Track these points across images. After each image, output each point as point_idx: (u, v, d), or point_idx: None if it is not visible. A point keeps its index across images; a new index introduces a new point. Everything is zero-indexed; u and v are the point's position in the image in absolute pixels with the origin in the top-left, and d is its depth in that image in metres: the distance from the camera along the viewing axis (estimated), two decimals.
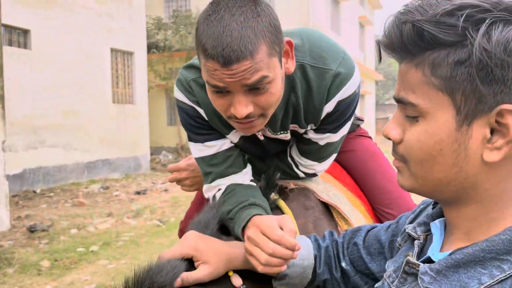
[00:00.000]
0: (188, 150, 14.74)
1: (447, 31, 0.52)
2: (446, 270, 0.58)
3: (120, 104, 10.78)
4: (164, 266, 0.81)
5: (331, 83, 1.06)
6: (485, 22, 0.51)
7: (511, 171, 0.57)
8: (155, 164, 12.70)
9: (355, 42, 20.41)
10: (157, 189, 8.49)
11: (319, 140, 1.18)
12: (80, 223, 5.66)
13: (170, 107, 15.63)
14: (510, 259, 0.54)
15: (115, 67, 10.66)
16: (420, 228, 0.71)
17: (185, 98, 1.15)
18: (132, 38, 11.04)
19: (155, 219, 5.87)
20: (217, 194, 1.17)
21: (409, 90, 0.58)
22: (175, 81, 1.21)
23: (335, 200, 1.21)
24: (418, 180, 0.61)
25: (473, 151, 0.55)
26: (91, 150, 9.70)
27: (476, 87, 0.52)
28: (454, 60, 0.53)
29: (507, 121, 0.52)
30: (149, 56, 13.34)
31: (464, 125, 0.55)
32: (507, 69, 0.50)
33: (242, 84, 0.89)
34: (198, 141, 1.18)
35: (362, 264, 0.90)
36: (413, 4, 0.56)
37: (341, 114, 1.12)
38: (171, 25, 14.49)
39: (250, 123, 0.97)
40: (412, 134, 0.59)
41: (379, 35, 0.65)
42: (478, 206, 0.59)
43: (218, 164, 1.16)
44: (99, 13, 9.96)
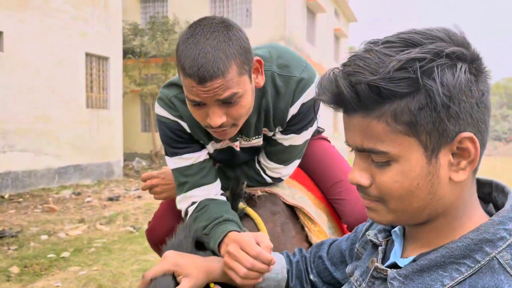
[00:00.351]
0: (162, 157, 14.64)
1: (402, 84, 0.59)
2: (412, 274, 0.66)
3: (94, 109, 10.65)
4: None
5: (296, 87, 1.21)
6: (435, 70, 0.58)
7: (467, 183, 0.66)
8: (128, 170, 12.56)
9: (330, 53, 20.82)
10: (130, 195, 8.41)
11: (284, 141, 1.30)
12: (50, 229, 5.57)
13: (144, 113, 15.51)
14: (466, 262, 0.63)
15: (89, 71, 10.54)
16: (381, 235, 0.81)
17: (167, 114, 1.25)
18: (108, 43, 10.95)
19: (128, 225, 5.84)
20: (190, 209, 1.27)
21: (375, 140, 0.63)
22: (150, 87, 1.32)
23: (301, 202, 1.30)
24: (397, 213, 0.67)
25: (443, 176, 0.64)
26: (62, 155, 9.53)
27: (438, 124, 0.60)
28: (416, 107, 0.59)
29: (466, 145, 0.62)
30: (125, 61, 13.24)
31: (433, 158, 0.62)
32: (460, 105, 0.59)
33: (215, 99, 1.03)
34: (176, 154, 1.28)
35: (328, 275, 0.99)
36: (358, 64, 0.61)
37: (304, 116, 1.26)
38: (148, 31, 14.45)
39: (224, 131, 1.11)
40: (388, 177, 0.64)
41: (353, 46, 0.72)
42: (443, 219, 0.68)
43: (193, 175, 1.26)
44: (74, 17, 9.85)
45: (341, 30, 21.81)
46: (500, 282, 0.59)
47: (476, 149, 0.62)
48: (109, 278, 3.83)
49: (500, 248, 0.62)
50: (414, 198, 0.65)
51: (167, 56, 13.99)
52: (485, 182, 0.75)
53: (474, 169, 0.65)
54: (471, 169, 0.64)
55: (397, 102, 0.60)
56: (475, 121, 0.61)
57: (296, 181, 1.43)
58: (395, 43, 0.61)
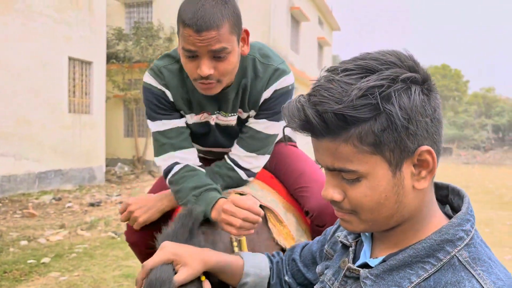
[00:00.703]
0: (144, 162, 14.57)
1: (365, 110, 0.65)
2: (383, 273, 0.74)
3: (76, 114, 10.56)
4: (161, 281, 0.91)
5: (272, 74, 1.39)
6: (393, 95, 0.65)
7: (428, 189, 0.75)
8: (110, 175, 12.45)
9: (313, 61, 21.07)
10: (112, 201, 8.35)
11: (256, 125, 1.44)
12: (30, 234, 5.51)
13: (127, 118, 15.42)
14: (430, 261, 0.71)
15: (72, 76, 10.46)
16: (351, 236, 0.88)
17: (155, 82, 1.42)
18: (91, 47, 10.89)
19: (109, 231, 5.81)
20: (176, 167, 1.40)
21: (344, 161, 0.69)
22: (134, 92, 1.44)
23: (272, 205, 1.37)
24: (368, 223, 0.75)
25: (407, 186, 0.71)
26: (43, 160, 9.41)
27: (400, 142, 0.67)
28: (379, 129, 0.66)
29: (425, 157, 0.70)
30: (108, 66, 13.18)
31: (397, 171, 0.70)
32: (417, 124, 0.67)
33: (208, 49, 1.20)
34: (157, 119, 1.44)
35: (301, 276, 1.06)
36: (323, 94, 0.67)
37: (276, 102, 1.41)
38: (132, 36, 14.41)
39: (209, 84, 1.27)
40: (358, 192, 0.71)
41: (337, 55, 0.79)
42: (409, 223, 0.75)
43: (173, 137, 1.42)
44: (57, 21, 9.79)
45: (325, 38, 22.11)
46: (461, 278, 0.67)
47: (433, 159, 0.70)
48: (90, 284, 3.82)
49: (459, 247, 0.70)
50: (383, 209, 0.72)
51: (151, 62, 13.96)
52: (442, 186, 0.83)
53: (433, 176, 0.73)
54: (431, 177, 0.72)
55: (362, 126, 0.67)
56: (430, 135, 0.69)
57: (267, 185, 1.50)
58: (354, 70, 0.68)
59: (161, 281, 0.91)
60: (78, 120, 10.54)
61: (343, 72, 0.68)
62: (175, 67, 1.41)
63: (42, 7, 9.35)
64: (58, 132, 9.85)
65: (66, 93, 10.15)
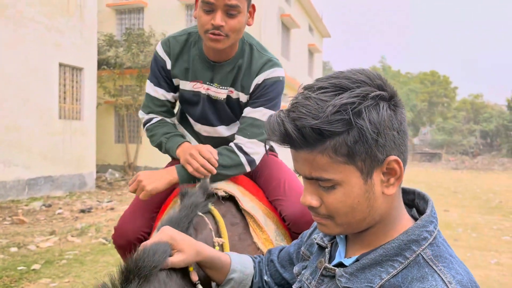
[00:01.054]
0: (135, 168, 14.54)
1: (339, 124, 0.72)
2: (356, 271, 0.81)
3: (67, 120, 10.53)
4: (156, 249, 0.97)
5: (265, 64, 1.57)
6: (363, 111, 0.72)
7: (396, 194, 0.82)
8: (100, 182, 12.41)
9: (304, 68, 21.24)
10: (102, 207, 8.34)
11: (253, 113, 1.59)
12: (20, 241, 5.49)
13: (118, 124, 15.39)
14: (398, 259, 0.78)
15: (63, 82, 10.45)
16: (327, 238, 0.96)
17: (161, 51, 1.65)
18: (82, 53, 10.90)
19: (100, 237, 5.81)
20: (152, 121, 1.69)
21: (321, 170, 0.76)
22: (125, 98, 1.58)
23: (253, 211, 1.44)
24: (343, 226, 0.82)
25: (377, 192, 0.78)
26: (33, 166, 9.37)
27: (370, 153, 0.74)
28: (351, 141, 0.73)
29: (393, 166, 0.77)
30: (99, 72, 13.17)
31: (368, 179, 0.77)
32: (385, 136, 0.74)
33: (224, 3, 1.41)
34: (153, 83, 1.69)
35: (279, 276, 1.13)
36: (301, 111, 0.74)
37: (267, 90, 1.57)
38: (123, 42, 14.43)
39: (219, 36, 1.45)
40: (334, 199, 0.78)
41: (328, 61, 0.86)
42: (379, 225, 0.83)
43: (156, 105, 1.70)
44: (48, 27, 9.79)
45: (315, 45, 22.33)
46: (425, 274, 0.74)
47: (400, 167, 0.78)
48: None
49: (424, 246, 0.78)
50: (356, 213, 0.79)
51: (142, 68, 14.00)
52: (409, 191, 0.91)
53: (400, 183, 0.80)
54: (399, 183, 0.79)
55: (336, 139, 0.74)
56: (397, 146, 0.77)
57: (249, 192, 1.57)
58: (328, 88, 0.75)
59: (155, 252, 0.97)
60: (68, 126, 10.51)
61: (318, 90, 0.76)
62: (183, 38, 1.64)
63: (33, 13, 9.35)
64: (48, 138, 9.82)
65: (57, 99, 10.13)
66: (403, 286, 0.74)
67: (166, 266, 1.00)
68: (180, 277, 1.04)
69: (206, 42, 1.52)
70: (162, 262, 0.97)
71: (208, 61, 1.60)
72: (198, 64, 1.61)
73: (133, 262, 0.93)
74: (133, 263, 0.93)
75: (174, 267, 1.02)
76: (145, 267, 0.93)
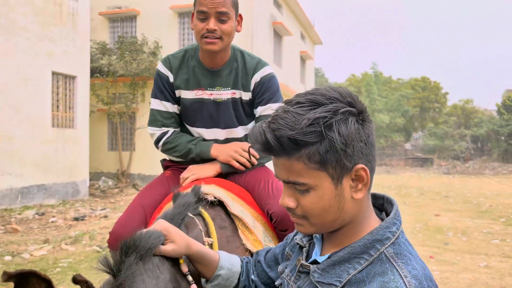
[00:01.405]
0: (128, 176, 14.53)
1: (312, 135, 0.82)
2: (327, 267, 0.90)
3: (60, 128, 10.54)
4: (151, 233, 1.07)
5: (257, 64, 1.83)
6: (334, 124, 0.82)
7: (364, 199, 0.91)
8: (94, 190, 12.40)
9: (296, 75, 21.41)
10: (96, 215, 8.34)
11: (265, 111, 1.82)
12: (14, 250, 5.50)
13: (111, 132, 15.40)
14: (364, 256, 0.87)
15: (56, 90, 10.48)
16: (305, 239, 1.06)
17: (163, 68, 1.85)
18: (75, 62, 10.94)
19: (94, 245, 5.83)
20: (168, 134, 1.85)
21: (297, 175, 0.86)
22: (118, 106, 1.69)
23: (242, 214, 1.52)
24: (317, 226, 0.91)
25: (347, 196, 0.87)
26: (25, 175, 9.36)
27: (340, 161, 0.84)
28: (323, 151, 0.82)
29: (361, 173, 0.86)
30: (92, 80, 13.21)
31: (339, 184, 0.86)
32: (353, 147, 0.83)
33: (216, 10, 1.67)
34: (159, 98, 1.86)
35: (265, 275, 1.21)
36: (280, 123, 0.83)
37: (267, 86, 1.82)
38: (116, 50, 14.48)
39: (213, 39, 1.69)
40: (308, 201, 0.87)
41: (320, 68, 0.95)
42: (349, 226, 0.92)
43: (166, 118, 1.86)
44: (41, 36, 9.83)
45: (307, 52, 22.52)
46: (386, 269, 0.83)
47: (367, 175, 0.87)
48: None
49: (386, 245, 0.87)
50: (328, 214, 0.88)
51: (135, 76, 14.05)
52: (379, 197, 1.01)
53: (368, 188, 0.90)
54: (366, 189, 0.88)
55: (310, 148, 0.83)
56: (365, 156, 0.86)
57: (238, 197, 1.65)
58: (304, 103, 0.85)
59: (150, 236, 1.06)
60: (61, 134, 10.52)
61: (296, 104, 0.86)
62: (180, 54, 1.86)
63: (25, 22, 9.40)
64: (41, 146, 9.82)
65: (50, 107, 10.15)
66: (367, 280, 0.83)
67: (159, 252, 1.09)
68: (172, 265, 1.13)
69: (203, 46, 1.73)
70: (156, 246, 1.07)
71: (207, 68, 1.81)
72: (198, 73, 1.81)
73: (131, 241, 1.03)
74: (131, 241, 1.03)
75: (165, 255, 1.11)
76: (141, 247, 1.02)
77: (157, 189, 1.82)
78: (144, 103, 14.61)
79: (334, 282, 0.87)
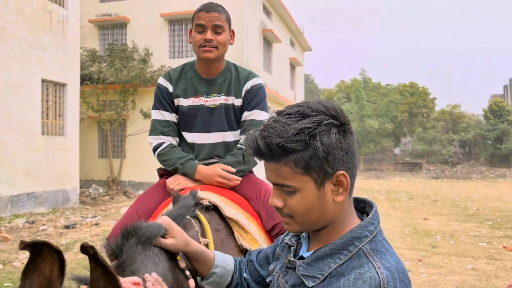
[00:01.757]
0: (119, 183, 14.48)
1: (298, 143, 0.92)
2: (311, 262, 1.01)
3: (50, 136, 10.51)
4: (152, 224, 1.15)
5: (248, 75, 2.04)
6: (317, 134, 0.91)
7: (345, 202, 1.01)
8: (84, 197, 12.34)
9: (286, 81, 21.56)
10: (87, 223, 8.33)
11: (251, 116, 1.99)
12: (5, 258, 5.48)
13: (102, 139, 15.36)
14: (344, 252, 0.97)
15: (45, 98, 10.46)
16: (294, 239, 1.16)
17: (163, 81, 2.03)
18: (65, 69, 10.94)
19: None
20: (164, 144, 1.98)
21: (284, 178, 0.96)
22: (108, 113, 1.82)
23: (237, 217, 1.60)
24: (301, 224, 1.01)
25: (329, 199, 0.97)
26: (15, 183, 9.31)
27: (322, 167, 0.93)
28: (307, 157, 0.92)
29: (341, 179, 0.96)
30: (82, 87, 13.19)
31: (321, 188, 0.96)
32: (334, 155, 0.93)
33: (212, 24, 1.88)
34: (158, 108, 2.02)
35: (257, 274, 1.30)
36: (270, 131, 0.94)
37: (256, 94, 2.00)
38: (106, 57, 14.48)
39: (210, 48, 1.88)
40: (294, 202, 0.97)
41: (309, 74, 1.04)
42: (331, 226, 1.02)
43: (164, 126, 2.01)
44: (31, 43, 9.83)
45: (297, 59, 22.71)
46: (362, 263, 0.93)
47: (347, 180, 0.96)
48: None
49: (364, 242, 0.97)
50: (312, 214, 0.98)
51: (126, 83, 14.05)
52: (361, 200, 1.11)
53: (349, 192, 0.99)
54: (346, 193, 0.98)
55: (296, 154, 0.93)
56: (345, 163, 0.96)
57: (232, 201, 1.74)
58: (293, 115, 0.95)
59: (150, 226, 1.14)
60: (51, 142, 10.49)
61: (285, 115, 0.96)
62: (179, 68, 2.06)
63: (15, 30, 9.39)
64: (31, 154, 9.78)
65: (39, 115, 10.13)
66: (346, 273, 0.93)
67: (159, 244, 1.18)
68: (170, 258, 1.21)
69: (200, 55, 1.92)
70: (156, 236, 1.15)
71: (203, 78, 2.00)
72: (195, 82, 2.00)
73: (132, 227, 1.11)
74: (132, 227, 1.11)
75: (165, 248, 1.20)
76: (142, 234, 1.10)
77: (152, 197, 1.91)
78: (134, 110, 14.62)
79: (317, 275, 0.97)
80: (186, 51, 15.17)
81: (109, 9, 15.88)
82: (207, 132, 2.01)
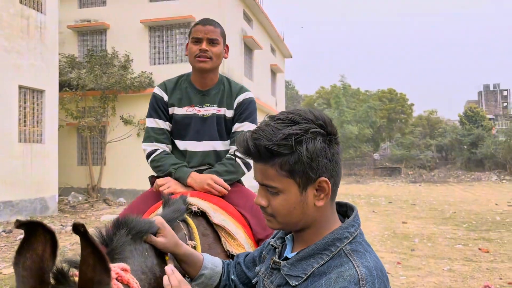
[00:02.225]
0: (99, 191, 14.29)
1: (285, 148, 0.97)
2: (295, 262, 1.05)
3: (27, 143, 10.32)
4: (144, 219, 1.18)
5: (240, 89, 2.13)
6: (303, 141, 0.96)
7: (326, 207, 1.06)
8: (63, 205, 12.13)
9: (267, 87, 21.70)
10: (66, 231, 8.19)
11: (241, 127, 2.05)
12: None
13: (81, 146, 15.15)
14: (326, 252, 1.02)
15: (23, 104, 10.28)
16: (279, 241, 1.21)
17: (158, 90, 2.11)
18: (43, 75, 10.78)
19: None
20: (157, 151, 2.04)
21: (269, 179, 1.01)
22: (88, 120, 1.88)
23: (224, 224, 1.65)
24: (282, 224, 1.06)
25: (310, 203, 1.02)
26: None
27: (306, 173, 0.98)
28: (292, 161, 0.97)
29: (323, 185, 1.01)
30: (61, 94, 13.00)
31: (303, 192, 1.01)
32: (318, 162, 0.98)
33: (208, 36, 1.99)
34: (152, 117, 2.09)
35: (244, 276, 1.35)
36: (260, 134, 0.99)
37: (246, 107, 2.09)
38: (86, 64, 14.33)
39: (205, 58, 1.97)
40: (277, 202, 1.03)
41: (290, 80, 1.10)
42: (313, 228, 1.07)
43: (158, 134, 2.07)
44: (8, 49, 9.67)
45: (277, 65, 22.89)
46: (343, 262, 0.99)
47: (329, 187, 1.01)
48: None
49: (345, 243, 1.03)
50: (292, 216, 1.04)
51: (106, 89, 13.93)
52: (343, 204, 1.17)
53: (331, 198, 1.04)
54: (327, 198, 1.03)
55: (282, 158, 0.98)
56: (328, 171, 1.01)
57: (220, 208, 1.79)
58: (283, 120, 1.00)
59: (141, 221, 1.17)
60: (29, 149, 10.30)
61: (276, 120, 1.01)
62: (175, 79, 2.15)
63: None
64: (7, 162, 9.58)
65: (16, 122, 9.95)
66: (327, 272, 0.98)
67: (149, 240, 1.21)
68: (159, 256, 1.24)
69: (195, 65, 2.01)
70: (147, 231, 1.19)
71: (197, 89, 2.09)
72: (189, 93, 2.09)
73: (124, 219, 1.14)
74: (124, 220, 1.14)
75: (155, 245, 1.23)
76: (132, 227, 1.14)
77: (142, 204, 1.93)
78: (114, 117, 14.48)
79: (300, 275, 1.02)
80: (167, 57, 15.13)
81: (88, 15, 15.74)
82: (199, 140, 2.07)
